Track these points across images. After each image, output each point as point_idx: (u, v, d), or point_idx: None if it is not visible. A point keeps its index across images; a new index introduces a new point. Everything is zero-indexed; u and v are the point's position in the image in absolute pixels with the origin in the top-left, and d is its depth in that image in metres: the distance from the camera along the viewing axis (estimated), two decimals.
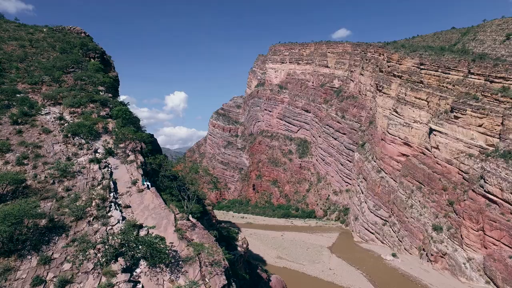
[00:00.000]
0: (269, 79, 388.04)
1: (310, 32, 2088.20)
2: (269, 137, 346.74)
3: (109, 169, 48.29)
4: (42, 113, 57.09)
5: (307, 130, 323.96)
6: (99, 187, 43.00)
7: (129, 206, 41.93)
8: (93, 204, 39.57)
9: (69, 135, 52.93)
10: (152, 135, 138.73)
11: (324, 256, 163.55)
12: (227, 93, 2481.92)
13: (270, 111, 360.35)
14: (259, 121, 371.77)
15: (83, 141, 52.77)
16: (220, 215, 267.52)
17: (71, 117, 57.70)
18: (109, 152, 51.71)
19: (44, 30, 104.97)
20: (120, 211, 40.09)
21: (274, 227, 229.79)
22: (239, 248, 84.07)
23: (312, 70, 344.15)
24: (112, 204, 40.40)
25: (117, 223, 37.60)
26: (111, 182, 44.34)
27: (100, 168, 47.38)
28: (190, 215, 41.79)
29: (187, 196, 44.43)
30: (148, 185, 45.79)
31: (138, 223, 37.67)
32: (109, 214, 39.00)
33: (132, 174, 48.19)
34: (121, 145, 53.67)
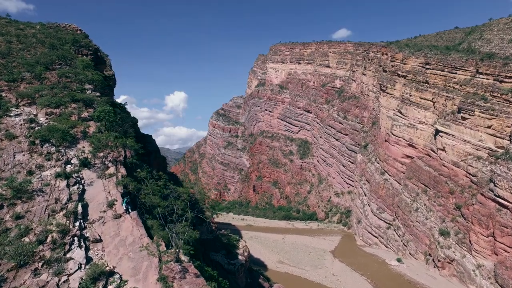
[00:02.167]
0: (270, 79, 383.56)
1: (310, 32, 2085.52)
2: (269, 138, 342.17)
3: (81, 186, 38.58)
4: (11, 114, 48.10)
5: (308, 130, 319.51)
6: (61, 213, 33.07)
7: (99, 240, 32.02)
8: (48, 239, 29.40)
9: (37, 141, 43.21)
10: (150, 135, 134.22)
11: (327, 260, 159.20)
12: (227, 93, 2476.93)
13: (270, 112, 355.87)
14: (259, 122, 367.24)
15: (53, 149, 43.20)
16: (220, 216, 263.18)
17: (46, 119, 49.14)
18: (84, 164, 42.30)
19: (37, 27, 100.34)
20: (86, 248, 30.31)
21: (275, 229, 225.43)
22: (240, 257, 79.82)
23: (313, 70, 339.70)
24: (76, 238, 30.53)
25: (77, 270, 27.16)
26: (80, 205, 34.82)
27: (68, 185, 37.53)
28: (181, 250, 32.22)
29: (175, 232, 34.24)
30: (128, 208, 36.48)
31: (107, 268, 28.05)
32: (68, 255, 28.49)
33: (109, 192, 38.25)
34: (101, 154, 44.17)
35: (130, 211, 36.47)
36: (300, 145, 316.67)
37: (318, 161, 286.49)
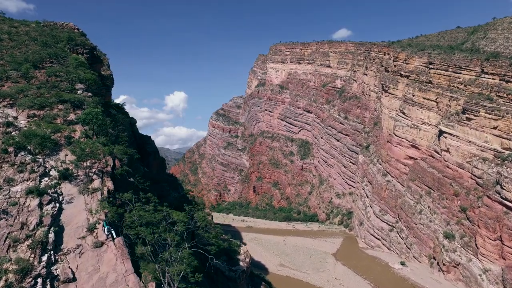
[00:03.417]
0: (270, 79, 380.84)
1: (310, 32, 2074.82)
2: (269, 138, 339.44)
3: (57, 205, 31.54)
4: None
5: (309, 131, 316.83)
6: (26, 242, 26.12)
7: (72, 279, 24.78)
8: (0, 284, 23.49)
9: (11, 149, 36.31)
10: (149, 136, 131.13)
11: (329, 264, 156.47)
12: (227, 93, 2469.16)
13: (270, 112, 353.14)
14: (259, 122, 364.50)
15: (28, 158, 36.04)
16: (220, 218, 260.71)
17: (28, 122, 42.45)
18: (64, 176, 35.75)
19: (32, 25, 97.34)
20: None
21: (276, 231, 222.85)
22: (241, 263, 76.97)
23: (313, 70, 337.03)
24: (40, 280, 23.26)
25: None
26: (52, 232, 27.72)
27: (41, 204, 30.40)
28: None
29: (167, 272, 28.23)
30: (111, 234, 29.52)
31: None
32: None
33: (91, 212, 31.45)
34: (85, 164, 37.27)
35: (114, 236, 29.45)
36: (301, 146, 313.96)
37: (319, 161, 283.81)
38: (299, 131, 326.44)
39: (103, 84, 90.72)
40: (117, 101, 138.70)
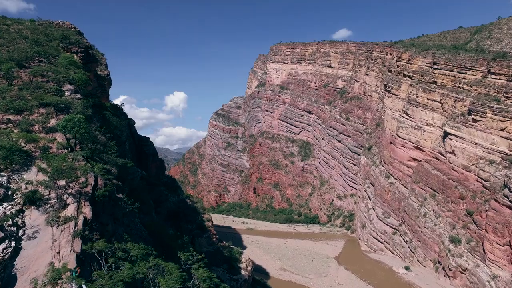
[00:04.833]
0: (270, 79, 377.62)
1: (310, 32, 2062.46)
2: (270, 139, 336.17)
3: (12, 245, 23.25)
4: None
5: (310, 132, 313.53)
6: None
7: None
8: None
9: None
10: (148, 138, 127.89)
11: (331, 268, 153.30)
12: (227, 93, 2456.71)
13: (271, 112, 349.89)
14: (259, 122, 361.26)
15: None
16: (219, 219, 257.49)
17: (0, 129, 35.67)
18: (31, 200, 28.26)
19: (27, 23, 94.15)
20: None
21: (276, 233, 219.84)
22: (243, 271, 73.73)
23: (314, 70, 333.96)
24: None
25: None
26: None
27: None
28: None
29: None
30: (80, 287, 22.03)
31: None
32: None
33: (59, 252, 23.17)
34: (60, 183, 29.77)
35: None
36: (301, 147, 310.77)
37: (319, 163, 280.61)
38: (300, 131, 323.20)
39: (99, 85, 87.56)
40: (116, 101, 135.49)
